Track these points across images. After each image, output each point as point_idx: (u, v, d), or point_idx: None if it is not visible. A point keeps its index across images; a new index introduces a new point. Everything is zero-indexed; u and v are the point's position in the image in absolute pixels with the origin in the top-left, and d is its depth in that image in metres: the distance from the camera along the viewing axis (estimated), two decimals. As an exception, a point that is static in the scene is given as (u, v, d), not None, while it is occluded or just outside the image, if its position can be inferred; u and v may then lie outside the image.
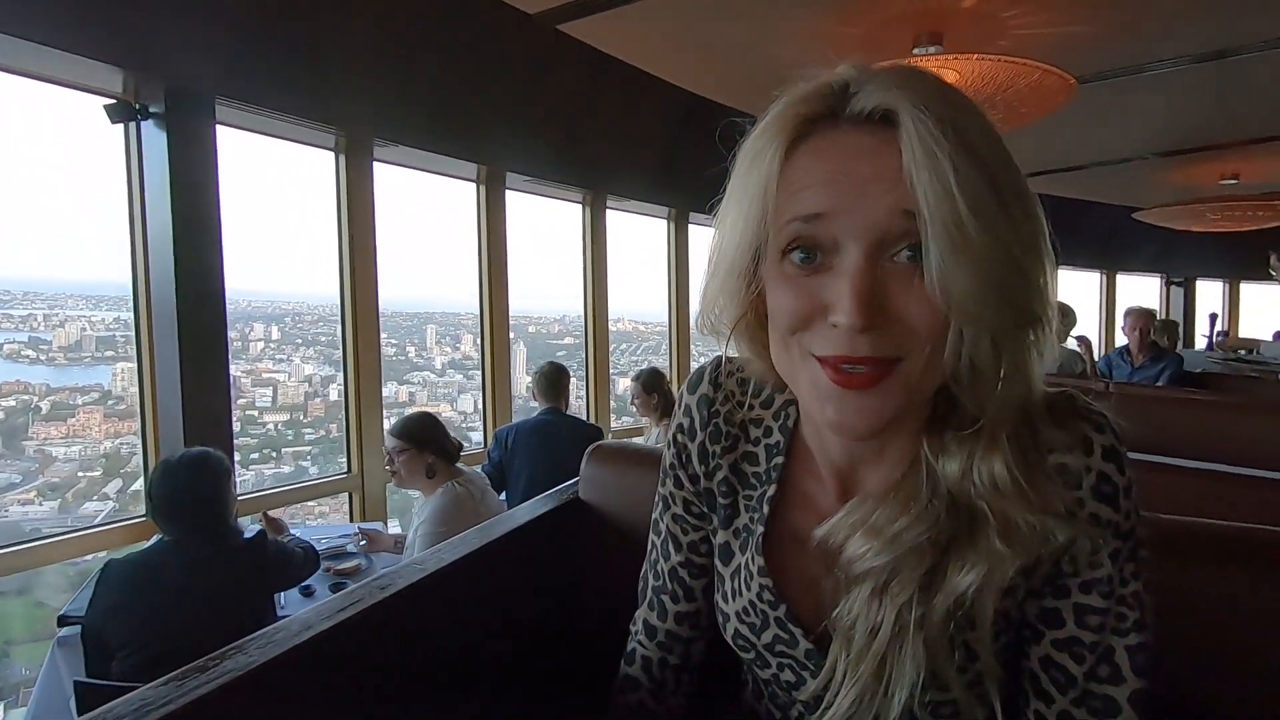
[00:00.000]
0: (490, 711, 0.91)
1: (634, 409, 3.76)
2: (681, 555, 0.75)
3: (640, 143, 3.86)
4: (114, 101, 2.32)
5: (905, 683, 0.56)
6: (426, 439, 2.33)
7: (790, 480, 0.67)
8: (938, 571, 0.56)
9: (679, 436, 0.73)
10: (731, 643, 0.70)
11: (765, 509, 0.67)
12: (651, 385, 3.65)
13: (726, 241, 0.57)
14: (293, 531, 2.40)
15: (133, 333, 2.48)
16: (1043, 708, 0.60)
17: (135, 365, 2.49)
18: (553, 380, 3.16)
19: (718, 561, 0.71)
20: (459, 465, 2.42)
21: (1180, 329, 7.43)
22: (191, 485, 1.75)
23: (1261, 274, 7.63)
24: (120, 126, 2.36)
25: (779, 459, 0.67)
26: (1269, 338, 6.79)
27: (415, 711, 0.78)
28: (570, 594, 1.09)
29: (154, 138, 2.34)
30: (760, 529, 0.67)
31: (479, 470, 2.79)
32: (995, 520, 0.54)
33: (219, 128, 2.44)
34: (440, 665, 0.84)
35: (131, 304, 2.46)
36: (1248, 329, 7.60)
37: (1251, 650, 0.80)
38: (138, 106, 2.32)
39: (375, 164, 3.08)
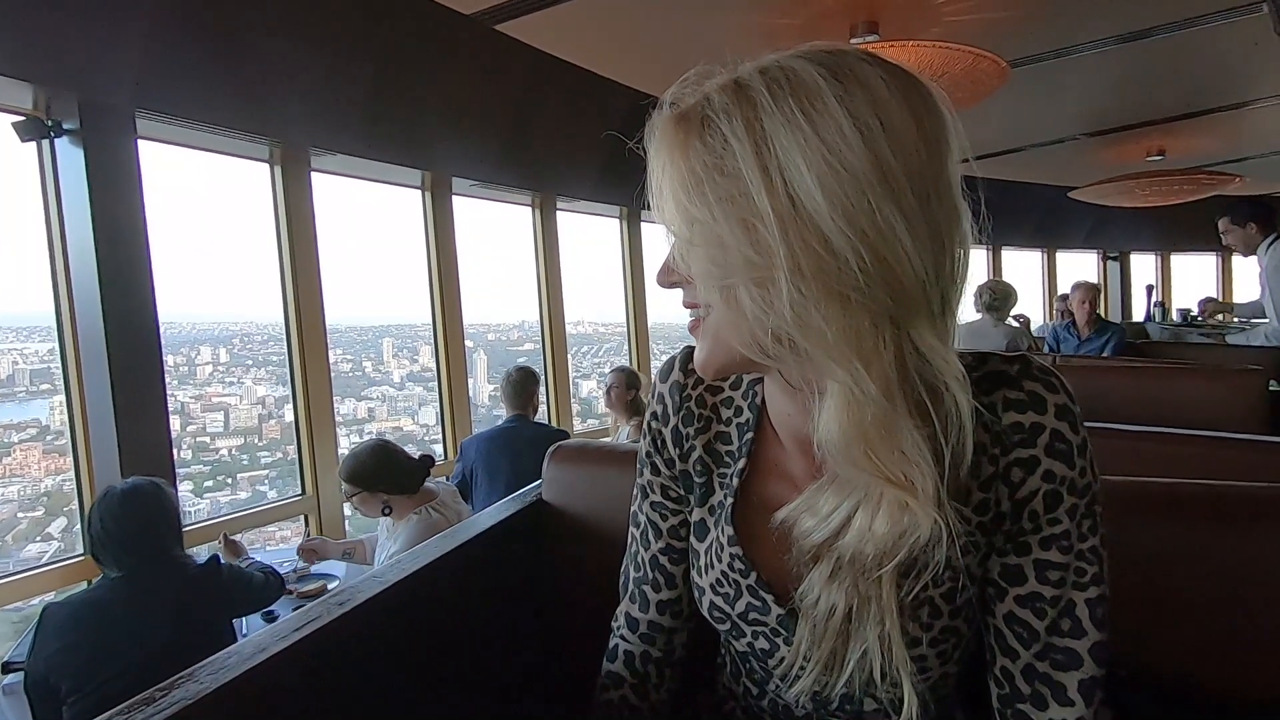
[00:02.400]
0: (460, 718, 0.89)
1: (610, 403, 3.69)
2: (662, 542, 0.76)
3: (586, 142, 3.83)
4: (23, 119, 2.19)
5: (867, 651, 0.59)
6: (377, 476, 2.22)
7: (761, 453, 0.70)
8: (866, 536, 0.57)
9: (653, 424, 0.76)
10: (708, 615, 0.71)
11: (736, 482, 0.69)
12: (634, 381, 3.62)
13: None
14: (251, 556, 2.32)
15: (47, 364, 2.37)
16: (1008, 663, 0.62)
17: (64, 397, 2.36)
18: (520, 386, 3.09)
19: (693, 539, 0.73)
20: (429, 485, 2.32)
21: (1121, 300, 7.76)
22: (132, 516, 1.67)
23: (1190, 245, 8.00)
24: (32, 145, 2.23)
25: (749, 435, 0.70)
26: (1195, 305, 7.13)
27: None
28: (537, 596, 1.07)
29: (70, 156, 2.22)
30: (730, 500, 0.69)
31: (448, 482, 2.72)
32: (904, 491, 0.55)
33: (142, 143, 2.33)
34: (407, 679, 0.82)
35: (56, 333, 2.33)
36: (1179, 298, 7.96)
37: (1192, 597, 0.84)
38: (49, 123, 2.20)
39: (314, 174, 2.99)
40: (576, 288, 4.39)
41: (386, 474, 2.23)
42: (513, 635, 1.04)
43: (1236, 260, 8.28)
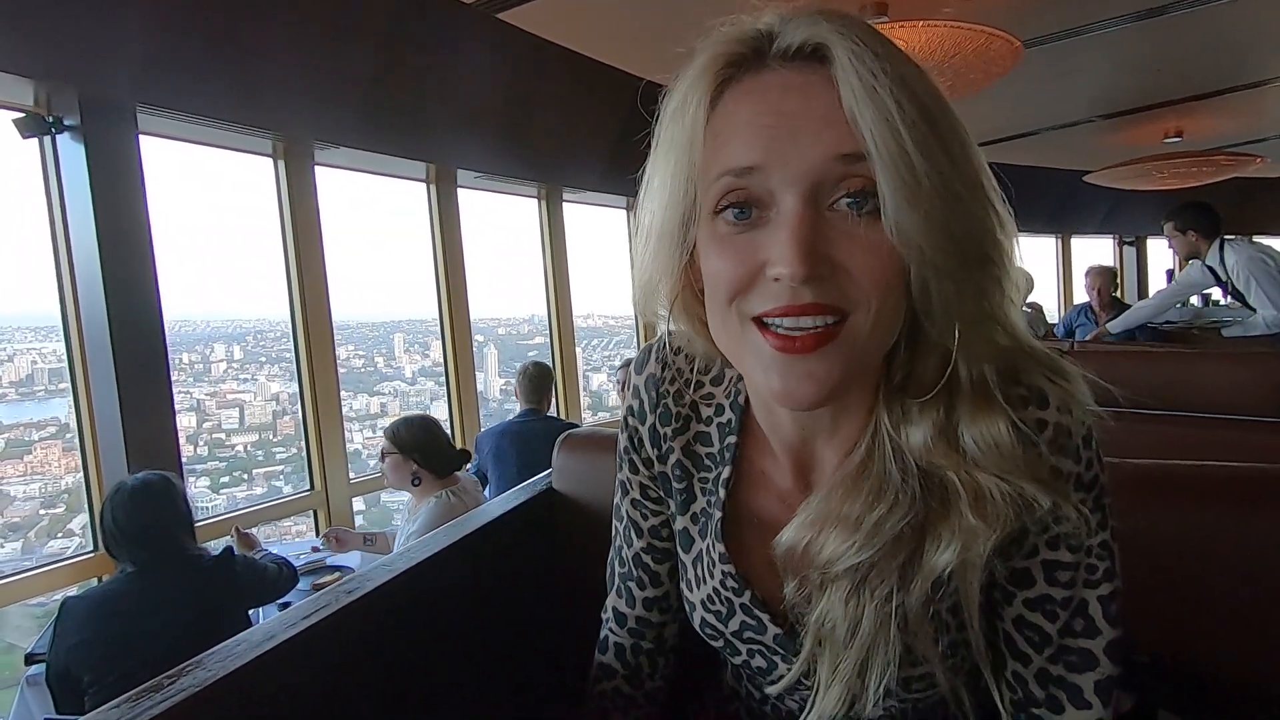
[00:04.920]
0: (470, 706, 0.89)
1: (621, 395, 3.69)
2: (643, 541, 0.73)
3: (592, 132, 3.80)
4: (24, 115, 2.18)
5: (884, 670, 0.55)
6: (412, 445, 2.25)
7: (745, 459, 0.65)
8: (914, 556, 0.53)
9: (630, 420, 0.71)
10: (700, 631, 0.68)
11: (721, 492, 0.64)
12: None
13: (654, 203, 0.54)
14: (265, 548, 2.34)
15: (65, 362, 2.35)
16: (1020, 668, 0.59)
17: (71, 396, 2.36)
18: (538, 381, 3.10)
19: (679, 549, 0.69)
20: (455, 474, 2.36)
21: (1138, 286, 7.66)
22: (143, 511, 1.69)
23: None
24: (34, 142, 2.22)
25: (732, 438, 0.65)
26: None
27: (390, 714, 0.76)
28: (546, 584, 1.07)
29: (71, 152, 2.21)
30: (718, 513, 0.64)
31: (471, 474, 2.74)
32: (965, 492, 0.52)
33: (144, 138, 2.33)
34: (417, 665, 0.81)
35: (62, 331, 2.34)
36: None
37: (1215, 581, 0.82)
38: (51, 119, 2.18)
39: (319, 168, 2.99)
40: (586, 281, 4.38)
41: (426, 447, 2.27)
42: (522, 622, 1.03)
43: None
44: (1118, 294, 4.49)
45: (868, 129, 0.45)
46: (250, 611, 1.91)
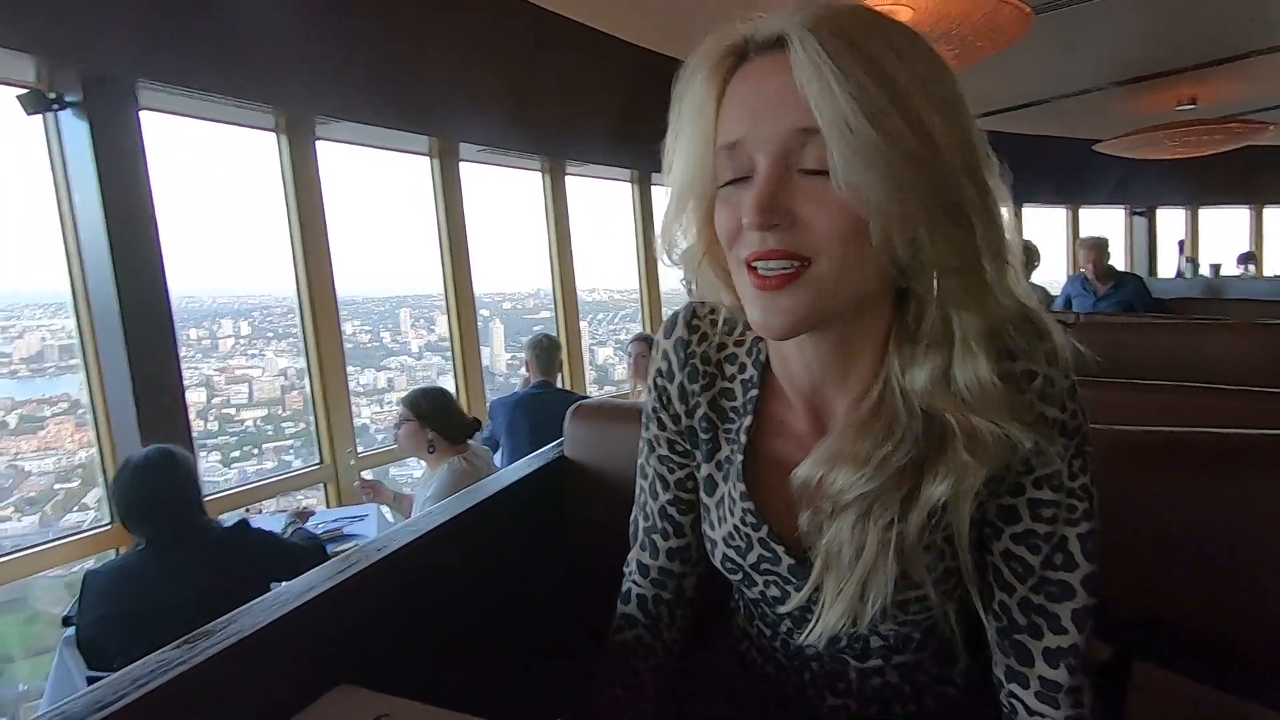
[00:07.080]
0: (489, 660, 0.93)
1: (636, 370, 3.66)
2: (670, 494, 0.78)
3: (596, 104, 3.77)
4: (27, 91, 2.16)
5: (882, 590, 0.61)
6: (429, 414, 2.31)
7: (765, 410, 0.71)
8: (914, 488, 0.60)
9: (658, 380, 0.77)
10: (720, 566, 0.74)
11: (744, 439, 0.71)
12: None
13: (675, 164, 0.63)
14: (303, 527, 2.38)
15: (75, 339, 2.36)
16: (1005, 597, 0.65)
17: (84, 372, 2.38)
18: (550, 353, 3.15)
19: (702, 494, 0.75)
20: (468, 442, 2.41)
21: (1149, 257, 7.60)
22: (147, 487, 1.69)
23: (1221, 198, 7.77)
24: (39, 119, 2.21)
25: (754, 391, 0.71)
26: (1233, 261, 7.00)
27: (416, 667, 0.80)
28: (559, 547, 1.12)
29: (74, 128, 2.20)
30: (740, 458, 0.71)
31: (484, 441, 2.79)
32: (961, 432, 0.58)
33: (148, 114, 2.31)
34: (439, 620, 0.86)
35: (72, 308, 2.35)
36: (1209, 253, 7.78)
37: (1197, 543, 0.85)
38: (53, 96, 2.17)
39: (321, 143, 2.98)
40: (592, 254, 4.38)
41: (441, 414, 2.33)
42: (536, 582, 1.08)
43: (1269, 213, 8.06)
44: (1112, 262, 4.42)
45: (813, 102, 0.53)
46: (273, 584, 1.93)
